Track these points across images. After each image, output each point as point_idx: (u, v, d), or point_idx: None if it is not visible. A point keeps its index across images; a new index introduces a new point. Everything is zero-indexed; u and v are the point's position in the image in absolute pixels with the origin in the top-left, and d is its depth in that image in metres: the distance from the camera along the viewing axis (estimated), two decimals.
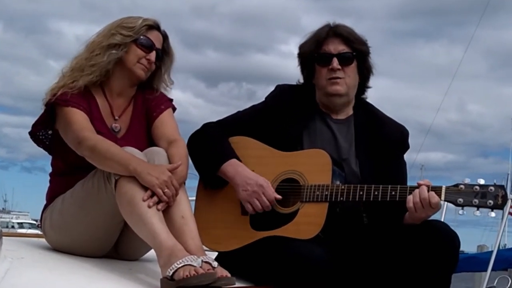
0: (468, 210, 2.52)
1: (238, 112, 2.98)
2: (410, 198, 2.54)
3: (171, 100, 2.98)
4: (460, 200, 2.50)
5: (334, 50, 2.82)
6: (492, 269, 6.89)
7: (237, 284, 2.40)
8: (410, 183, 2.78)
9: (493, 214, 2.51)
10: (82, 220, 2.68)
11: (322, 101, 2.88)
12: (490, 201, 2.47)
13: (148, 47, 2.83)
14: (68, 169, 2.80)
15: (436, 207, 2.53)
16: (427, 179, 2.58)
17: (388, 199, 2.57)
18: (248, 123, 2.89)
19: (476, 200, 2.49)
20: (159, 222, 2.41)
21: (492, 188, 2.49)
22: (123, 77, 2.86)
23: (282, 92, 2.95)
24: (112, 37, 2.79)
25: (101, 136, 2.68)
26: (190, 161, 2.76)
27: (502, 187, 2.49)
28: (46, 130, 2.86)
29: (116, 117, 2.87)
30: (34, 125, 2.84)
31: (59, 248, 2.80)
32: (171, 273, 2.25)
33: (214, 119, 3.01)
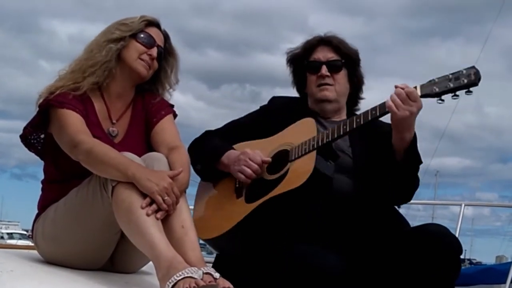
0: (447, 98, 2.63)
1: (235, 120, 3.18)
2: (387, 99, 2.64)
3: (172, 106, 3.00)
4: (436, 88, 2.61)
5: (324, 58, 3.01)
6: None
7: None
8: (424, 189, 2.82)
9: (469, 93, 2.59)
10: (76, 230, 2.67)
11: (314, 108, 3.05)
12: (464, 79, 2.57)
13: (148, 42, 2.86)
14: (62, 175, 2.79)
15: (415, 99, 2.62)
16: (405, 83, 2.68)
17: (370, 118, 2.70)
18: (245, 127, 3.09)
19: (451, 84, 2.60)
20: (157, 232, 2.40)
21: (464, 70, 2.59)
22: (124, 77, 2.87)
23: (278, 100, 3.16)
24: (111, 34, 2.83)
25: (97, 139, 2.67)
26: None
27: (473, 67, 2.59)
28: (38, 133, 2.86)
29: (114, 121, 2.87)
30: (25, 128, 2.84)
31: (51, 260, 2.80)
32: (170, 286, 2.23)
33: (216, 123, 3.21)
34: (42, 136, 2.86)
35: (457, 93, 2.60)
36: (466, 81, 2.56)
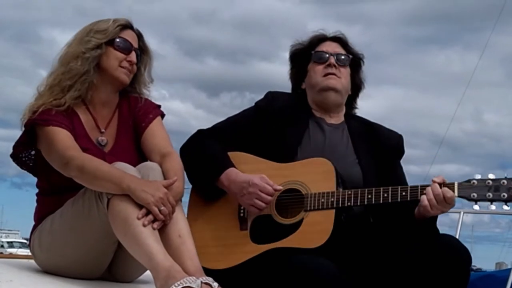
0: (482, 204, 2.62)
1: (229, 118, 3.03)
2: (424, 197, 2.59)
3: (159, 106, 2.96)
4: (474, 195, 2.59)
5: (332, 51, 2.97)
6: None
7: None
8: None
9: (506, 207, 2.59)
10: (72, 241, 2.66)
11: (315, 100, 2.98)
12: (504, 194, 2.56)
13: (126, 48, 2.82)
14: (55, 189, 2.77)
15: (452, 202, 2.60)
16: (441, 175, 2.65)
17: (399, 199, 2.62)
18: (241, 129, 2.95)
19: (490, 194, 2.58)
20: (155, 242, 2.39)
21: (505, 181, 2.56)
22: (107, 85, 2.84)
23: (274, 97, 3.02)
24: (86, 44, 2.77)
25: (88, 153, 2.65)
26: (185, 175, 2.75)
27: None
28: (29, 150, 2.84)
29: (102, 130, 2.85)
30: (14, 147, 2.81)
31: (49, 270, 2.78)
32: None
33: None
34: (33, 152, 2.84)
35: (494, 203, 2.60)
36: (506, 196, 2.55)
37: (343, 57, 2.97)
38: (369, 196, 2.64)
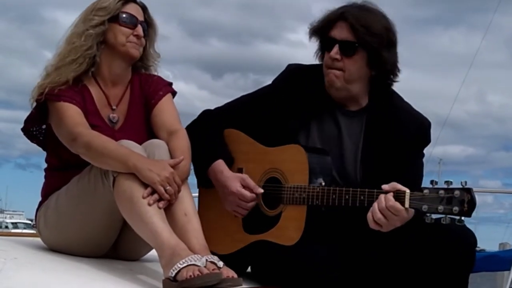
0: (437, 216, 2.39)
1: (243, 96, 2.95)
2: (369, 214, 2.45)
3: (171, 84, 2.94)
4: (425, 207, 2.37)
5: (338, 36, 2.66)
6: None
7: (244, 285, 2.40)
8: (427, 177, 2.69)
9: (462, 221, 2.36)
10: (77, 218, 2.67)
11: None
12: (456, 208, 2.32)
13: (131, 22, 2.79)
14: (64, 164, 2.79)
15: (401, 214, 2.42)
16: (394, 182, 2.46)
17: (357, 204, 2.50)
18: (252, 109, 2.86)
19: (441, 207, 2.34)
20: (160, 221, 2.40)
21: (458, 192, 2.32)
22: (117, 62, 2.82)
23: (292, 74, 2.85)
24: (89, 22, 2.76)
25: (96, 131, 2.66)
26: None
27: (468, 191, 2.32)
28: (40, 125, 2.85)
29: (114, 107, 2.84)
30: (26, 121, 2.83)
31: (54, 247, 2.80)
32: (174, 273, 2.24)
33: None
34: (44, 126, 2.86)
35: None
36: (458, 210, 2.31)
37: (348, 45, 2.65)
38: (333, 197, 2.54)
